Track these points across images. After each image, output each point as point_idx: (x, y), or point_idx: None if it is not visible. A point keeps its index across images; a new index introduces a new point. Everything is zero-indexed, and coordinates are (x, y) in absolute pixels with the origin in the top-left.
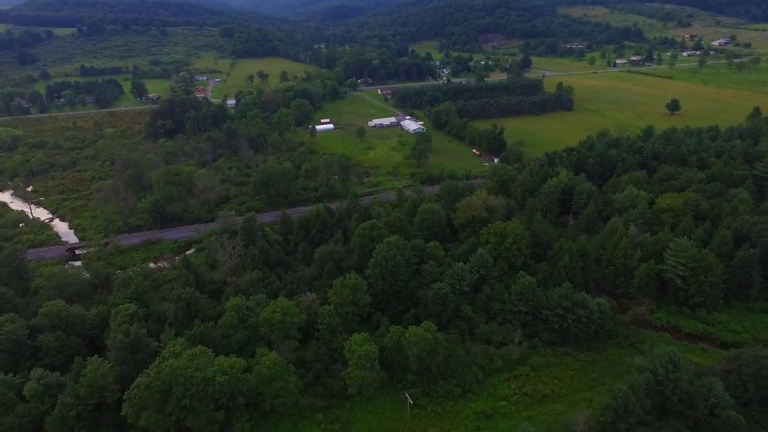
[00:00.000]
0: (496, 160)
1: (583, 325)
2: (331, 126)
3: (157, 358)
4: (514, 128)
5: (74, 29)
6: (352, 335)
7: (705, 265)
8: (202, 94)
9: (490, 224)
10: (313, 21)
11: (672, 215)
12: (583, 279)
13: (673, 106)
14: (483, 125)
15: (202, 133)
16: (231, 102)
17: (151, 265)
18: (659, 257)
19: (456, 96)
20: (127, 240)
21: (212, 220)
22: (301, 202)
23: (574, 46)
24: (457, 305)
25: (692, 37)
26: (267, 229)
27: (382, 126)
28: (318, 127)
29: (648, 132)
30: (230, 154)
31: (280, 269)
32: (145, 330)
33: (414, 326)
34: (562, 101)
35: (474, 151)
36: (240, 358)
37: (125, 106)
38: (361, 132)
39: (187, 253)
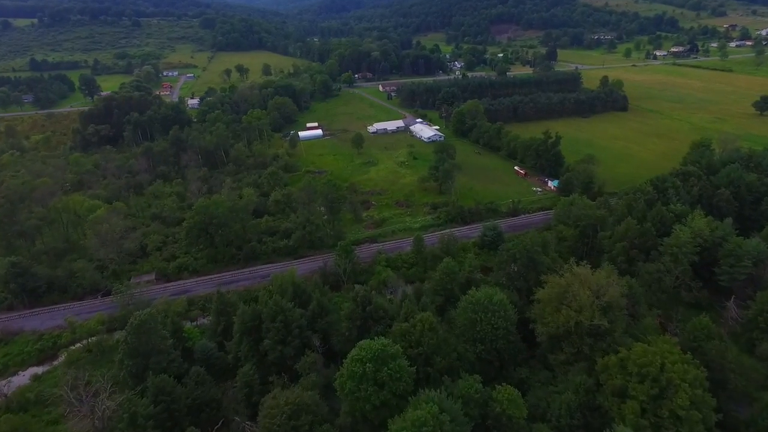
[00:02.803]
0: (551, 184)
1: None
2: (319, 132)
3: None
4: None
5: (35, 20)
6: None
7: None
8: (167, 92)
9: (623, 349)
10: (308, 15)
11: None
12: None
13: (764, 105)
14: (517, 130)
15: (147, 142)
16: (193, 101)
17: None
18: None
19: (477, 93)
20: None
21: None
22: (265, 256)
23: (602, 37)
24: None
25: (732, 26)
26: (190, 326)
27: (385, 132)
28: (303, 133)
29: None
30: (176, 173)
31: None
32: None
33: None
34: (613, 100)
35: (516, 169)
36: None
37: (71, 107)
38: (359, 140)
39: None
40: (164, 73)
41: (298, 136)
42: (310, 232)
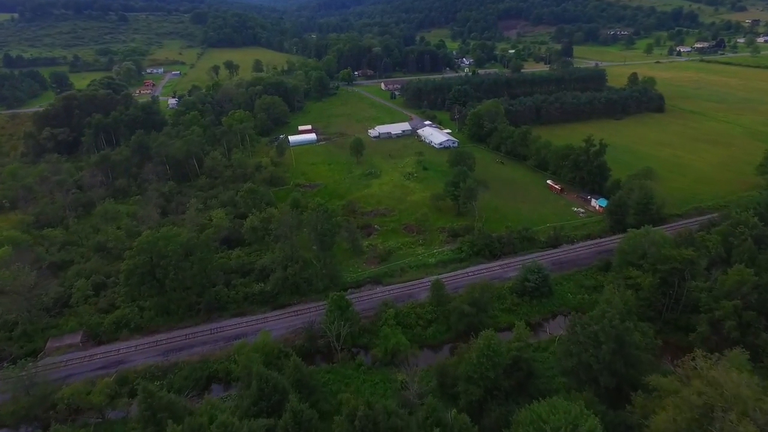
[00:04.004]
0: (596, 203)
1: None
2: (312, 137)
3: None
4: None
5: (15, 14)
6: None
7: None
8: (148, 91)
9: None
10: (306, 11)
11: None
12: None
13: None
14: (541, 133)
15: (106, 150)
16: (174, 101)
17: None
18: None
19: (491, 92)
20: None
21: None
22: (234, 306)
23: (618, 33)
24: None
25: (754, 22)
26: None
27: (389, 136)
28: (294, 138)
29: None
30: (138, 187)
31: None
32: None
33: None
34: (648, 99)
35: (550, 183)
36: None
37: (40, 107)
38: (359, 146)
39: None
40: (148, 70)
41: (288, 141)
42: (294, 273)
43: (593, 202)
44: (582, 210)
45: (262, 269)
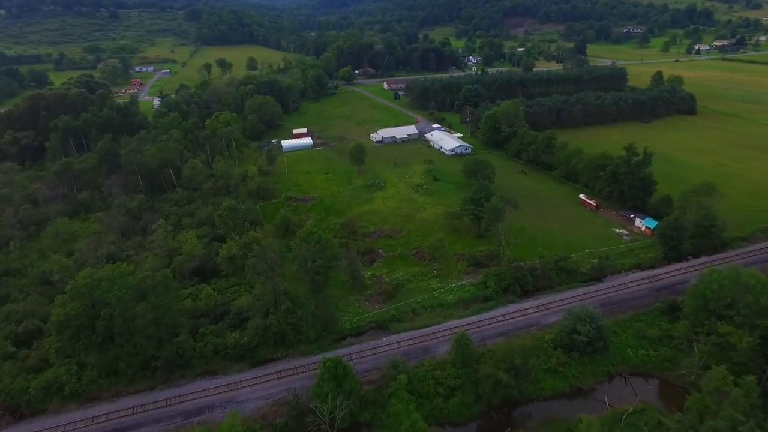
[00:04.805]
0: (641, 223)
1: None
2: (308, 141)
3: None
4: (612, 147)
5: (2, 11)
6: None
7: None
8: (134, 90)
9: None
10: (306, 9)
11: None
12: None
13: None
14: (562, 137)
15: (82, 154)
16: (159, 101)
17: None
18: None
19: (504, 92)
20: None
21: None
22: (201, 363)
23: (631, 30)
24: None
25: None
26: None
27: (394, 141)
28: (287, 143)
29: None
30: (104, 201)
31: None
32: None
33: None
34: (679, 100)
35: (583, 198)
36: None
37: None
38: (360, 153)
39: None
40: (137, 69)
41: (281, 146)
42: (278, 321)
43: (638, 222)
44: (625, 232)
45: (238, 312)
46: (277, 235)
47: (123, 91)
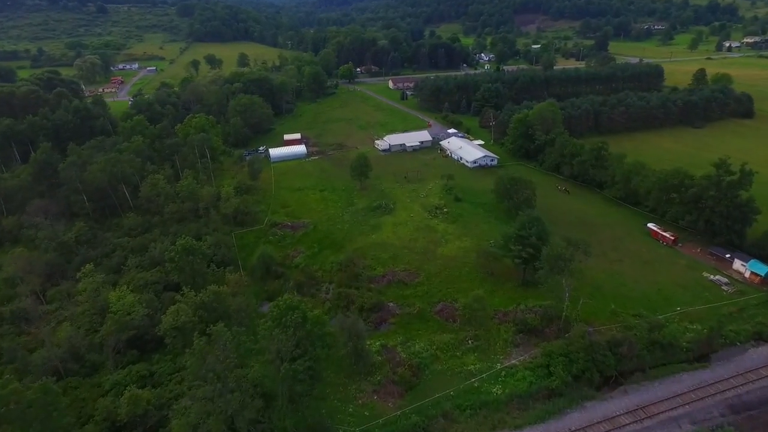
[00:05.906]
0: (743, 265)
1: None
2: (302, 149)
3: None
4: (664, 158)
5: None
6: None
7: None
8: (113, 89)
9: None
10: (305, 6)
11: None
12: None
13: None
14: (606, 143)
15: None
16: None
17: None
18: None
19: (527, 91)
20: None
21: None
22: None
23: (652, 27)
24: None
25: None
26: None
27: (403, 149)
28: (277, 151)
29: None
30: (36, 231)
31: None
32: None
33: None
34: (734, 101)
35: (653, 228)
36: None
37: None
38: (363, 165)
39: None
40: (120, 66)
41: (269, 155)
42: None
43: (737, 264)
44: (723, 279)
45: (181, 412)
46: (254, 280)
47: (101, 90)
